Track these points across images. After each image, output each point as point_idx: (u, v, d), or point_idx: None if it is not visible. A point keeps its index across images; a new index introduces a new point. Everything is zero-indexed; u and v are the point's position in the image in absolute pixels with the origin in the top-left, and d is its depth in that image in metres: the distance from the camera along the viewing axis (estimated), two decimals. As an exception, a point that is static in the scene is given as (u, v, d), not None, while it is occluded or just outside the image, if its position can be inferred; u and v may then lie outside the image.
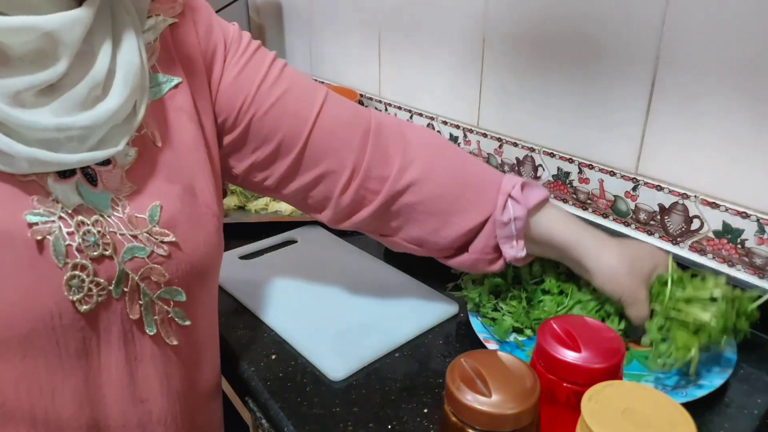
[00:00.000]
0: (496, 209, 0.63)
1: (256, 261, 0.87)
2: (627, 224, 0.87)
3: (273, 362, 0.66)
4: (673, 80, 0.77)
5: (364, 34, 1.31)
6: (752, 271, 0.74)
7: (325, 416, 0.59)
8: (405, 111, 1.26)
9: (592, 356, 0.46)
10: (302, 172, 0.62)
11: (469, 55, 1.05)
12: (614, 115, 0.85)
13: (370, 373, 0.65)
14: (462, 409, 0.41)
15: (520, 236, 0.63)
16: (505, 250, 0.64)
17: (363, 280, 0.81)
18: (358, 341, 0.68)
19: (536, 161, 0.98)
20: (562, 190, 0.96)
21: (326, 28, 1.45)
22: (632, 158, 0.84)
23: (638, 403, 0.40)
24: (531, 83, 0.96)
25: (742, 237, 0.74)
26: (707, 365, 0.63)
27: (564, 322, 0.49)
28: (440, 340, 0.71)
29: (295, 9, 1.57)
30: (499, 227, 0.63)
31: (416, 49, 1.18)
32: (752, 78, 0.69)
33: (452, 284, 0.75)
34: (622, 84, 0.82)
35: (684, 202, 0.79)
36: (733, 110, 0.71)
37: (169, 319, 0.53)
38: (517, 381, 0.42)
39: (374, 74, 1.32)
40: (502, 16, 0.97)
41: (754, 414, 0.59)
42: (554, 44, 0.90)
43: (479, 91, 1.06)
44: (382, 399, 0.61)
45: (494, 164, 1.07)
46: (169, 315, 0.52)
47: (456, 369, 0.43)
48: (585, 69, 0.87)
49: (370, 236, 0.71)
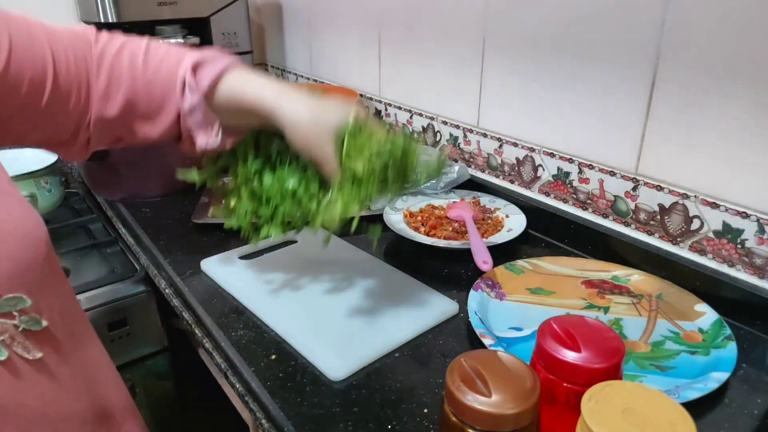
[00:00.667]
0: (177, 98, 0.63)
1: (256, 261, 0.87)
2: (627, 224, 0.87)
3: (273, 362, 0.66)
4: (673, 80, 0.77)
5: (364, 34, 1.31)
6: (752, 271, 0.74)
7: (325, 416, 0.59)
8: (405, 111, 1.26)
9: (592, 356, 0.46)
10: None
11: (469, 55, 1.06)
12: (614, 115, 0.85)
13: (370, 373, 0.65)
14: (462, 409, 0.41)
15: (208, 124, 0.63)
16: (198, 138, 0.64)
17: (363, 280, 0.81)
18: (357, 341, 0.68)
19: (536, 161, 0.98)
20: (562, 190, 0.96)
21: (326, 28, 1.45)
22: (632, 158, 0.84)
23: (638, 403, 0.40)
24: (531, 83, 0.96)
25: (742, 237, 0.74)
26: (707, 367, 0.63)
27: (564, 322, 0.49)
28: (440, 340, 0.71)
29: (295, 9, 1.57)
30: (186, 116, 0.63)
31: (416, 49, 1.18)
32: (752, 78, 0.69)
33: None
34: (622, 84, 0.82)
35: (684, 202, 0.79)
36: (733, 110, 0.72)
37: (21, 332, 0.45)
38: (517, 381, 0.42)
39: (374, 74, 1.32)
40: (502, 16, 0.97)
41: (754, 414, 0.59)
42: (554, 44, 0.90)
43: (479, 91, 1.06)
44: (382, 399, 0.61)
45: (494, 164, 1.07)
46: (19, 329, 0.45)
47: (456, 369, 0.43)
48: (585, 69, 0.87)
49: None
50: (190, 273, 0.85)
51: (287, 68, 1.69)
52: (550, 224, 0.96)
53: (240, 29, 1.50)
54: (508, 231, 0.92)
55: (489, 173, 1.09)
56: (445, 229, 0.93)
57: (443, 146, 0.58)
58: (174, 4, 1.38)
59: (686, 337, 0.69)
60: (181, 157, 0.74)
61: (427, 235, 0.93)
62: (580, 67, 0.87)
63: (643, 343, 0.68)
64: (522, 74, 0.97)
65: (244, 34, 1.51)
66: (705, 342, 0.68)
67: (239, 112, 0.64)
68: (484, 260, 0.82)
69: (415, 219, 0.98)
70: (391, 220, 0.95)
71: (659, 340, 0.69)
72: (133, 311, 0.99)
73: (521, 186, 1.03)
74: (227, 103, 0.64)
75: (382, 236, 0.95)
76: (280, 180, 0.68)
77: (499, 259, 0.84)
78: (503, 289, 0.79)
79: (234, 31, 1.49)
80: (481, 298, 0.75)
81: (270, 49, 1.77)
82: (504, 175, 1.06)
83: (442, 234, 0.92)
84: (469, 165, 1.13)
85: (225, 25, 1.47)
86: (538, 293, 0.79)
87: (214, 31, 1.46)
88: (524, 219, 0.95)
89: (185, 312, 0.79)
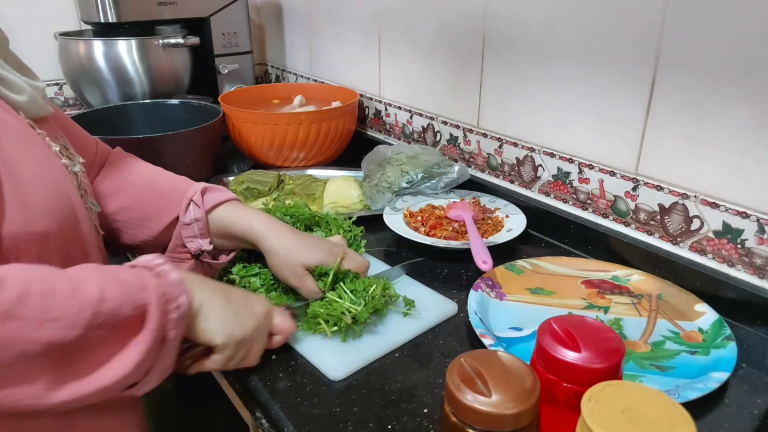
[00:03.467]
0: (180, 212, 0.72)
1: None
2: (627, 224, 0.87)
3: (273, 362, 0.66)
4: (673, 80, 0.77)
5: (364, 34, 1.31)
6: (752, 271, 0.74)
7: (325, 416, 0.59)
8: (405, 111, 1.26)
9: (592, 356, 0.46)
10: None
11: (469, 55, 1.06)
12: (614, 115, 0.85)
13: (370, 373, 0.65)
14: (462, 409, 0.41)
15: (204, 234, 0.73)
16: (191, 246, 0.73)
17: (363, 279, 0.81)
18: (358, 341, 0.68)
19: (536, 161, 0.98)
20: (562, 190, 0.96)
21: (326, 28, 1.45)
22: (632, 158, 0.84)
23: (638, 403, 0.40)
24: (531, 83, 0.96)
25: (742, 237, 0.74)
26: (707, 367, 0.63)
27: (564, 322, 0.49)
28: (440, 340, 0.71)
29: (295, 9, 1.57)
30: (183, 228, 0.72)
31: (416, 49, 1.18)
32: (752, 77, 0.69)
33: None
34: (622, 84, 0.82)
35: (684, 202, 0.79)
36: (733, 110, 0.72)
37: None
38: (517, 381, 0.42)
39: (374, 74, 1.32)
40: (502, 16, 0.97)
41: (754, 414, 0.59)
42: (554, 44, 0.90)
43: (479, 91, 1.06)
44: (382, 399, 0.61)
45: (494, 164, 1.07)
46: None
47: (456, 369, 0.43)
48: (585, 69, 0.87)
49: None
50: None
51: (287, 68, 1.69)
52: (550, 224, 0.96)
53: (240, 29, 1.50)
54: (508, 231, 0.92)
55: (489, 173, 1.09)
56: (445, 229, 0.93)
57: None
58: (174, 4, 1.38)
59: (686, 337, 0.69)
60: (181, 157, 0.74)
61: (427, 235, 0.93)
62: (580, 67, 0.87)
63: (643, 343, 0.68)
64: (522, 74, 0.97)
65: (244, 34, 1.51)
66: (705, 342, 0.68)
67: (225, 234, 0.74)
68: (484, 260, 0.82)
69: (415, 219, 0.98)
70: (391, 220, 0.95)
71: (659, 340, 0.69)
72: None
73: (521, 186, 1.03)
74: (218, 225, 0.73)
75: (383, 236, 0.96)
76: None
77: (498, 259, 0.84)
78: (503, 289, 0.79)
79: (234, 31, 1.49)
80: (481, 298, 0.75)
81: (270, 49, 1.77)
82: (504, 175, 1.06)
83: (442, 234, 0.92)
84: (469, 165, 1.13)
85: (225, 25, 1.48)
86: (538, 293, 0.78)
87: (214, 31, 1.46)
88: (524, 219, 0.95)
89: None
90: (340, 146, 1.28)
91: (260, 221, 0.72)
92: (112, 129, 1.19)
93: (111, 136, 1.01)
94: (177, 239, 0.73)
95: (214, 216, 0.73)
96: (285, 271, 0.71)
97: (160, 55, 1.39)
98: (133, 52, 1.35)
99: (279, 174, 1.14)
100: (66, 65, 1.41)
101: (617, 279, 0.81)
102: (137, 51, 1.36)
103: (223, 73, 1.50)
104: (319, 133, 1.20)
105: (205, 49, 1.48)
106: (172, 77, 1.43)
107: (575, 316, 0.52)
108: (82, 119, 1.17)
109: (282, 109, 1.33)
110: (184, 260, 0.75)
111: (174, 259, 0.74)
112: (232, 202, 0.75)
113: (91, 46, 1.34)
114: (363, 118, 1.40)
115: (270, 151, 1.21)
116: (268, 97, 1.43)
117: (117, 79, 1.36)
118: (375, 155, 1.12)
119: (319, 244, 0.73)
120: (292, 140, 1.19)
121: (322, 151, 1.24)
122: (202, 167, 1.16)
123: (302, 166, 1.24)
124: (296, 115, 1.19)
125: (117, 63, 1.35)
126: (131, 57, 1.36)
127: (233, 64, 1.51)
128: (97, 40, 1.35)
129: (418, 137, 1.25)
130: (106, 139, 0.82)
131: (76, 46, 1.36)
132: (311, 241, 0.73)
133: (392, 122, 1.31)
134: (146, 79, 1.38)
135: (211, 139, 1.18)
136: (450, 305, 0.76)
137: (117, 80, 1.36)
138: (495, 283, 0.80)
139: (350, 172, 1.18)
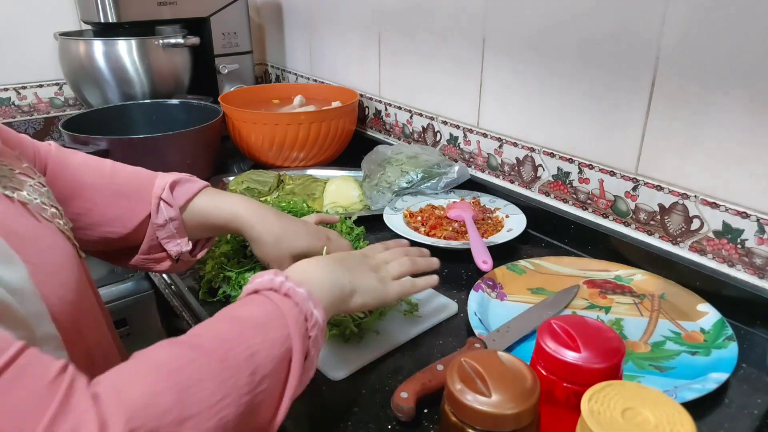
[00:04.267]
0: (152, 213, 0.68)
1: (256, 261, 0.87)
2: (627, 224, 0.87)
3: (273, 362, 0.66)
4: (673, 80, 0.77)
5: (364, 34, 1.31)
6: (752, 271, 0.74)
7: (325, 416, 0.58)
8: (405, 111, 1.26)
9: (592, 356, 0.46)
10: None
11: (469, 55, 1.06)
12: (614, 115, 0.85)
13: (370, 373, 0.65)
14: (462, 409, 0.41)
15: (181, 233, 0.69)
16: (170, 248, 0.70)
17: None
18: (358, 341, 0.68)
19: (536, 161, 0.98)
20: (562, 190, 0.96)
21: (326, 28, 1.45)
22: (632, 158, 0.84)
23: (638, 403, 0.40)
24: (531, 83, 0.96)
25: (742, 237, 0.74)
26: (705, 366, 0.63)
27: (564, 322, 0.49)
28: (440, 340, 0.71)
29: (295, 9, 1.57)
30: (157, 230, 0.69)
31: (416, 49, 1.18)
32: (752, 78, 0.69)
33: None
34: (622, 84, 0.82)
35: (684, 202, 0.79)
36: (733, 110, 0.71)
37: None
38: (517, 381, 0.42)
39: (374, 74, 1.32)
40: (502, 16, 0.97)
41: (754, 414, 0.59)
42: (554, 44, 0.90)
43: (479, 91, 1.06)
44: (382, 399, 0.61)
45: (494, 164, 1.07)
46: None
47: (456, 369, 0.43)
48: (585, 69, 0.87)
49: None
50: (190, 273, 0.85)
51: (287, 68, 1.69)
52: (550, 224, 0.96)
53: (240, 29, 1.50)
54: (508, 231, 0.92)
55: (489, 173, 1.09)
56: (445, 229, 0.93)
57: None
58: (174, 4, 1.38)
59: (687, 337, 0.69)
60: (181, 157, 0.74)
61: (427, 235, 0.92)
62: (580, 66, 0.87)
63: (643, 343, 0.68)
64: (522, 74, 0.97)
65: (244, 34, 1.51)
66: (706, 342, 0.68)
67: (204, 227, 0.71)
68: (484, 260, 0.82)
69: (415, 219, 0.98)
70: (391, 220, 0.95)
71: (660, 341, 0.69)
72: (134, 311, 1.00)
73: (521, 186, 1.03)
74: (195, 219, 0.70)
75: (383, 236, 0.95)
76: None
77: (499, 259, 0.84)
78: (504, 290, 0.79)
79: (234, 31, 1.49)
80: (482, 299, 0.75)
81: (270, 49, 1.77)
82: (504, 175, 1.06)
83: (442, 234, 0.92)
84: (469, 165, 1.13)
85: (225, 25, 1.48)
86: (539, 293, 0.78)
87: (214, 31, 1.46)
88: (524, 219, 0.95)
89: (185, 312, 0.78)
90: (340, 146, 1.28)
91: (242, 207, 0.69)
92: (112, 129, 1.19)
93: (111, 136, 1.01)
94: (151, 240, 0.70)
95: (189, 211, 0.70)
96: (273, 260, 0.69)
97: (160, 55, 1.39)
98: (133, 52, 1.35)
99: (279, 174, 1.14)
100: (66, 65, 1.41)
101: (620, 279, 0.81)
102: (137, 51, 1.36)
103: (223, 73, 1.50)
104: (319, 133, 1.20)
105: (205, 49, 1.48)
106: (172, 77, 1.43)
107: (575, 316, 0.52)
108: (82, 119, 1.17)
109: (282, 109, 1.33)
110: (160, 261, 0.71)
111: (149, 260, 0.71)
112: (204, 191, 0.71)
113: (91, 46, 1.34)
114: (363, 118, 1.40)
115: (270, 151, 1.21)
116: (268, 97, 1.43)
117: (117, 79, 1.36)
118: (375, 155, 1.12)
119: (304, 228, 0.71)
120: (292, 140, 1.19)
121: (322, 151, 1.24)
122: (202, 167, 1.16)
123: (302, 166, 1.24)
124: (296, 115, 1.19)
125: (117, 63, 1.35)
126: (131, 57, 1.36)
127: (233, 64, 1.51)
128: (97, 40, 1.35)
129: (418, 137, 1.25)
130: (107, 139, 0.82)
131: (76, 46, 1.36)
132: (297, 227, 0.71)
133: (392, 122, 1.31)
134: (146, 79, 1.39)
135: (211, 139, 1.18)
136: (450, 305, 0.76)
137: (117, 80, 1.36)
138: (496, 283, 0.80)
139: (350, 172, 1.18)
